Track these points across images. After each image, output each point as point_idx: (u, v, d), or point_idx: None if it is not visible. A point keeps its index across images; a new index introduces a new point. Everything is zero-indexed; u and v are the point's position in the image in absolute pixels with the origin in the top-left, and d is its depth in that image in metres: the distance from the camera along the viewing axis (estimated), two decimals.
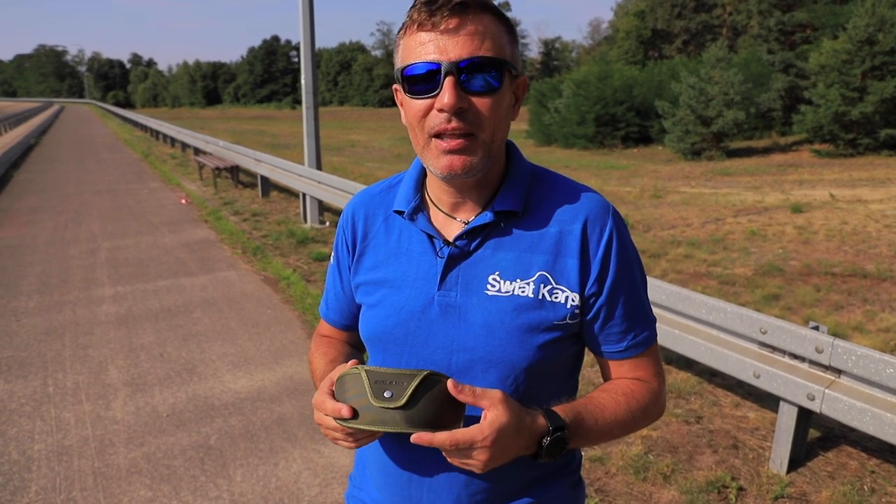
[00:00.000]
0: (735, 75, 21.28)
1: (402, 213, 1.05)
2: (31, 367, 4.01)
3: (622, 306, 1.00)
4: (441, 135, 0.92)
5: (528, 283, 0.98)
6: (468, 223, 1.00)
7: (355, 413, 0.88)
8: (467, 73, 0.89)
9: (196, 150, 15.11)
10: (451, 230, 1.02)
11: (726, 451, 3.07)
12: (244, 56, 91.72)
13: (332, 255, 1.18)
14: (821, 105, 19.78)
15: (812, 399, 2.66)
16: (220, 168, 11.48)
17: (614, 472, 2.92)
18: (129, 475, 2.89)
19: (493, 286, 0.98)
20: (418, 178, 1.07)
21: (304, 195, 8.39)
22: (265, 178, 10.29)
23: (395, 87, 0.98)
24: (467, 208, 1.02)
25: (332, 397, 0.92)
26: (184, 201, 10.09)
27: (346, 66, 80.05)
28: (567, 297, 0.98)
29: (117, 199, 10.29)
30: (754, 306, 5.02)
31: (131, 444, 3.15)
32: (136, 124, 31.06)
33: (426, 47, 0.90)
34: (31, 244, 7.22)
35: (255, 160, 10.36)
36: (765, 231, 8.00)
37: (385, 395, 0.86)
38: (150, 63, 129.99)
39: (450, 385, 0.85)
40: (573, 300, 0.98)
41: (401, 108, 0.99)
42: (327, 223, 8.24)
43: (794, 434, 2.83)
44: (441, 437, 0.83)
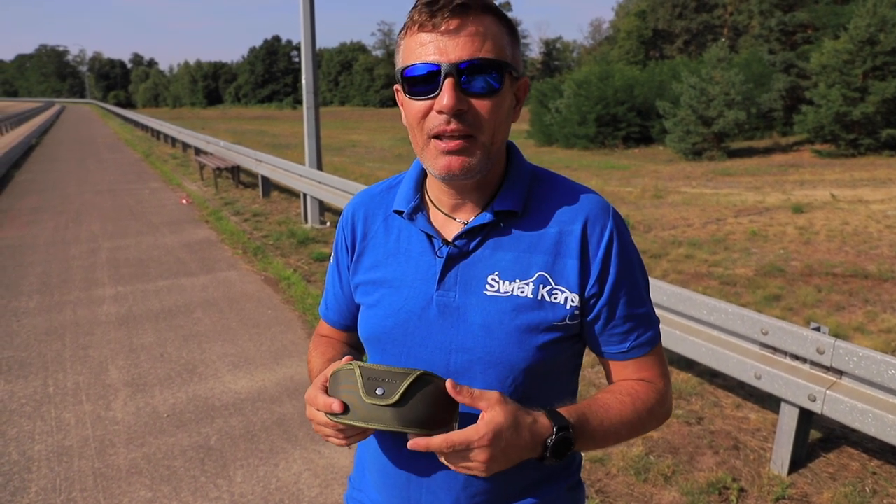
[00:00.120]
0: (736, 75, 21.27)
1: (401, 213, 1.04)
2: (32, 368, 4.01)
3: (624, 307, 1.00)
4: (440, 136, 0.91)
5: (527, 284, 0.97)
6: (467, 224, 1.00)
7: (346, 409, 0.87)
8: (467, 74, 0.89)
9: (197, 151, 15.12)
10: (451, 230, 1.02)
11: (727, 453, 3.06)
12: (245, 56, 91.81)
13: (331, 255, 1.18)
14: (822, 105, 19.76)
15: (813, 400, 2.66)
16: (220, 168, 11.49)
17: (615, 472, 2.91)
18: (130, 476, 2.89)
19: (492, 286, 0.98)
20: (418, 179, 1.06)
21: (304, 195, 8.39)
22: (266, 179, 10.30)
23: (397, 87, 0.98)
24: (467, 209, 1.02)
25: (326, 393, 0.92)
26: (185, 201, 10.10)
27: (347, 66, 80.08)
28: (566, 298, 0.97)
29: (118, 199, 10.30)
30: (755, 307, 5.02)
31: (131, 444, 3.15)
32: (137, 124, 31.09)
33: (426, 48, 0.90)
34: (31, 244, 7.22)
35: (256, 160, 10.36)
36: (766, 231, 7.99)
37: (377, 392, 0.85)
38: (152, 63, 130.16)
39: (448, 385, 0.84)
40: (572, 301, 0.97)
41: (402, 109, 0.98)
42: (328, 223, 8.24)
43: (795, 435, 2.82)
44: (437, 441, 0.82)
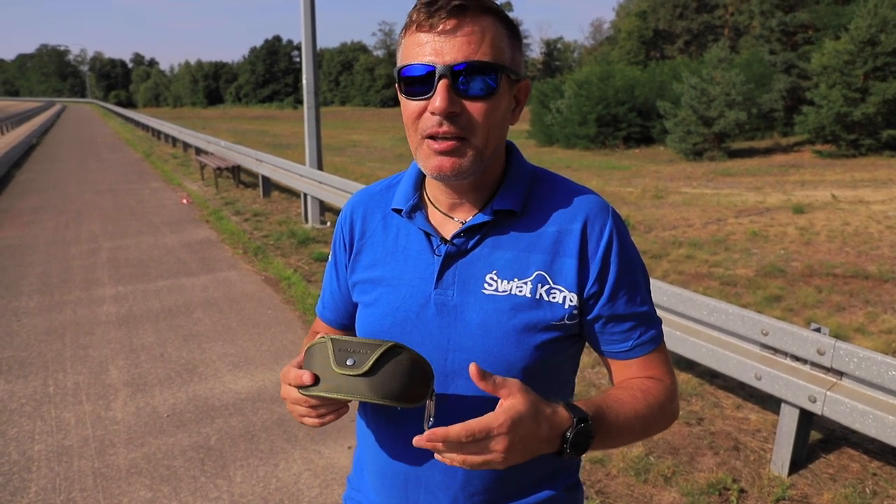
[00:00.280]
0: (737, 76, 21.28)
1: (400, 212, 1.04)
2: (32, 367, 4.01)
3: (624, 305, 0.99)
4: (434, 137, 0.91)
5: (525, 283, 0.97)
6: (465, 223, 1.00)
7: (317, 381, 0.87)
8: (462, 76, 0.88)
9: (197, 150, 15.12)
10: (449, 229, 1.01)
11: (727, 453, 3.06)
12: (246, 56, 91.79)
13: (329, 253, 1.18)
14: (823, 106, 19.76)
15: (813, 401, 2.66)
16: (221, 168, 11.49)
17: (615, 473, 2.91)
18: (129, 476, 2.89)
19: (490, 285, 0.98)
20: (417, 178, 1.06)
21: (305, 195, 8.38)
22: (266, 179, 10.30)
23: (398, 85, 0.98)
24: (464, 208, 1.01)
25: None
26: (185, 201, 10.10)
27: (347, 66, 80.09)
28: (565, 298, 0.97)
29: (118, 199, 10.30)
30: (756, 307, 5.01)
31: (131, 444, 3.15)
32: (137, 124, 31.10)
33: (423, 48, 0.89)
34: (31, 244, 7.23)
35: (257, 160, 10.36)
36: (766, 232, 7.98)
37: (348, 362, 0.85)
38: (152, 63, 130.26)
39: (473, 370, 0.80)
40: (571, 300, 0.97)
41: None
42: (328, 223, 8.24)
43: (795, 436, 2.82)
44: (455, 430, 0.78)
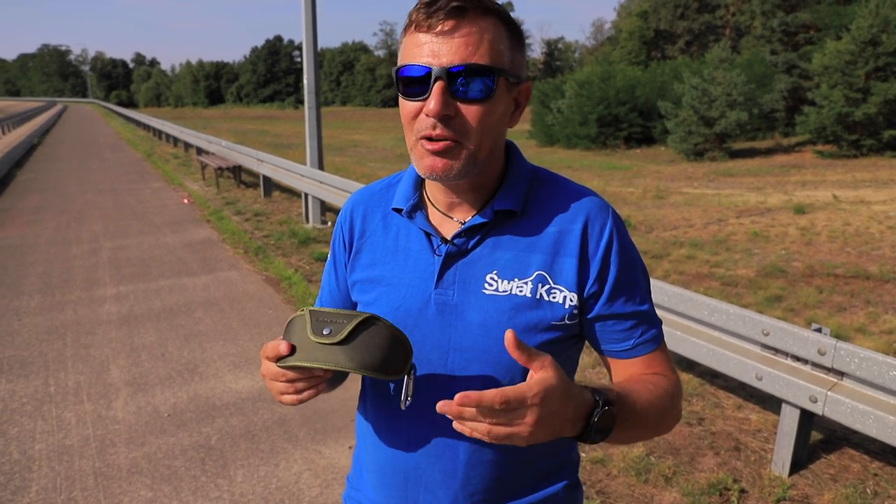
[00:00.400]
0: (738, 76, 21.26)
1: (400, 211, 1.04)
2: (33, 367, 4.02)
3: (625, 305, 1.00)
4: (428, 138, 0.91)
5: (525, 283, 0.97)
6: (465, 223, 1.00)
7: (294, 352, 0.87)
8: (458, 79, 0.88)
9: (199, 150, 15.14)
10: (449, 229, 1.01)
11: (728, 453, 3.06)
12: (247, 56, 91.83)
13: (329, 252, 1.18)
14: (824, 106, 19.74)
15: (814, 401, 2.65)
16: (222, 168, 11.50)
17: (616, 473, 2.91)
18: (130, 475, 2.89)
19: (490, 285, 0.98)
20: (417, 177, 1.06)
21: (306, 195, 8.39)
22: (267, 178, 10.31)
23: None
24: (463, 209, 1.01)
25: None
26: (186, 201, 10.11)
27: (348, 66, 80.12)
28: (565, 297, 0.97)
29: (119, 199, 10.31)
30: (756, 308, 5.01)
31: (132, 443, 3.15)
32: (138, 124, 31.12)
33: (421, 49, 0.89)
34: (33, 244, 7.23)
35: (258, 160, 10.37)
36: (767, 232, 7.98)
37: (324, 332, 0.85)
38: (154, 63, 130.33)
39: (509, 336, 0.79)
40: (571, 300, 0.97)
41: None
42: (329, 223, 8.24)
43: (796, 436, 2.82)
44: (490, 394, 0.75)
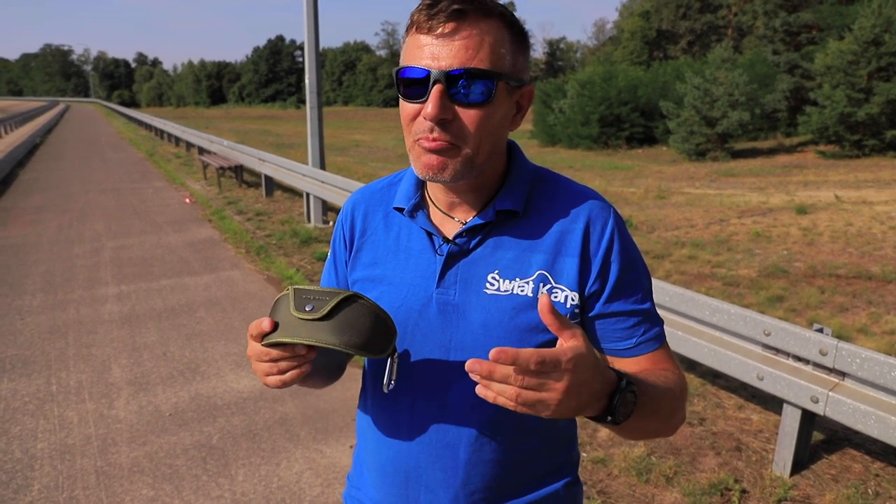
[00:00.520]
0: (740, 76, 21.25)
1: (401, 210, 1.04)
2: (35, 366, 4.02)
3: (626, 304, 1.00)
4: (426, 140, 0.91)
5: (527, 283, 0.97)
6: (466, 223, 1.00)
7: (277, 327, 0.87)
8: (456, 83, 0.87)
9: (200, 150, 15.14)
10: (450, 229, 1.02)
11: (729, 454, 3.06)
12: (249, 56, 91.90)
13: (329, 251, 1.17)
14: (826, 106, 19.73)
15: (816, 402, 2.65)
16: (224, 167, 11.50)
17: (616, 473, 2.91)
18: (132, 474, 2.90)
19: (491, 285, 0.98)
20: (418, 177, 1.06)
21: (307, 195, 8.39)
22: (269, 178, 10.31)
23: None
24: (464, 209, 1.01)
25: None
26: (188, 200, 10.12)
27: (350, 66, 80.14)
28: (566, 297, 0.97)
29: (122, 199, 10.32)
30: (758, 308, 5.00)
31: (134, 443, 3.15)
32: (140, 123, 31.15)
33: (422, 51, 0.89)
34: (35, 243, 7.25)
35: (259, 160, 10.38)
36: (769, 232, 7.97)
37: (306, 308, 0.86)
38: (155, 62, 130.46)
39: (543, 302, 0.78)
40: (572, 300, 0.97)
41: None
42: (331, 223, 8.25)
43: (797, 436, 2.82)
44: (527, 352, 0.74)
